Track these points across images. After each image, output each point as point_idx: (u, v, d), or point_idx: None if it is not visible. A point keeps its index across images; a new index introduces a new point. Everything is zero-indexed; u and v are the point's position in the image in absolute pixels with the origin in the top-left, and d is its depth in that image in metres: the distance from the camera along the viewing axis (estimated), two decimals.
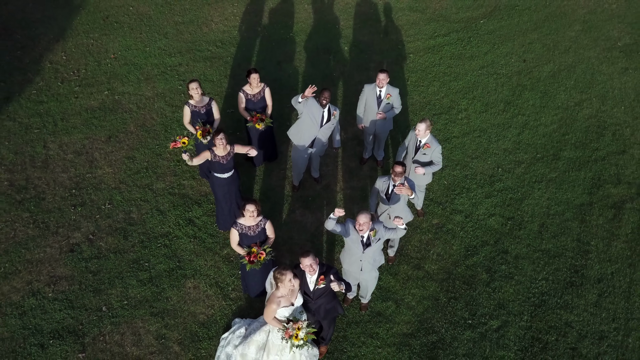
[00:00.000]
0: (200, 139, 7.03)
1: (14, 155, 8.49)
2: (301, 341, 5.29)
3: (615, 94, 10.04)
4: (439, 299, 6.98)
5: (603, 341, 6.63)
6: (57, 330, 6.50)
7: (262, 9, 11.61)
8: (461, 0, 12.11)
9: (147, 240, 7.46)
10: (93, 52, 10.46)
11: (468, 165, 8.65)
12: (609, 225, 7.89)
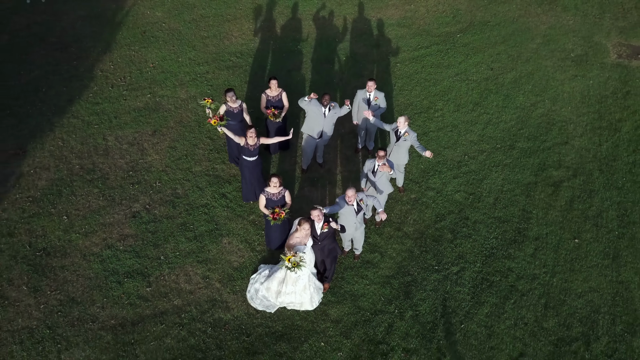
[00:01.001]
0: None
1: (81, 146, 10.92)
2: (290, 263, 7.60)
3: (564, 96, 12.49)
4: (413, 252, 9.40)
5: (534, 281, 9.04)
6: (128, 272, 8.92)
7: (274, 25, 14.08)
8: (442, 17, 14.59)
9: (190, 209, 9.88)
10: (135, 62, 12.92)
11: (441, 154, 11.08)
12: (548, 198, 10.32)
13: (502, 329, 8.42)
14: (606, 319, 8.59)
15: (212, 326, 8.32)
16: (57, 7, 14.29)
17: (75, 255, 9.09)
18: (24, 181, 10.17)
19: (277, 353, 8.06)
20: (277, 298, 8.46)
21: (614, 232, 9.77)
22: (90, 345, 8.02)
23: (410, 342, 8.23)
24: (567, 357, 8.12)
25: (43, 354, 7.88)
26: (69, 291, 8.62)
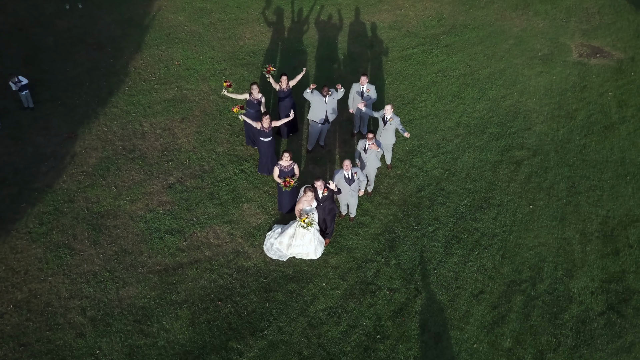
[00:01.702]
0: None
1: (122, 130, 13.15)
2: (305, 223, 9.86)
3: (530, 90, 14.71)
4: (397, 215, 11.63)
5: (495, 237, 11.27)
6: (168, 230, 11.15)
7: (282, 27, 16.29)
8: (428, 21, 16.80)
9: (216, 181, 12.11)
10: (163, 60, 15.13)
11: (423, 137, 13.30)
12: (511, 174, 12.54)
13: (466, 274, 10.66)
14: (550, 266, 10.82)
15: (236, 271, 10.56)
16: (92, 12, 16.51)
17: (124, 217, 11.33)
18: (77, 159, 12.40)
19: (288, 291, 10.30)
20: (288, 249, 10.69)
21: (562, 200, 12.00)
22: (142, 284, 10.26)
23: (394, 283, 10.47)
24: (516, 294, 10.36)
25: (105, 291, 10.12)
26: (122, 244, 10.87)
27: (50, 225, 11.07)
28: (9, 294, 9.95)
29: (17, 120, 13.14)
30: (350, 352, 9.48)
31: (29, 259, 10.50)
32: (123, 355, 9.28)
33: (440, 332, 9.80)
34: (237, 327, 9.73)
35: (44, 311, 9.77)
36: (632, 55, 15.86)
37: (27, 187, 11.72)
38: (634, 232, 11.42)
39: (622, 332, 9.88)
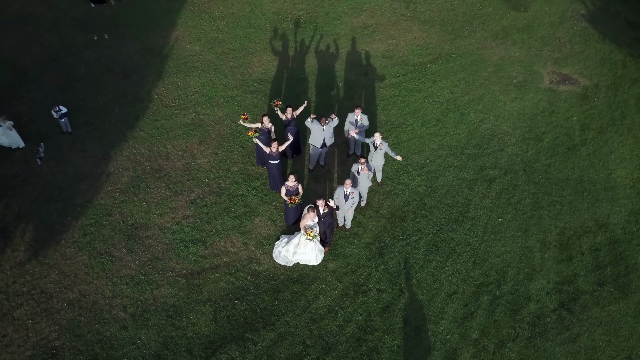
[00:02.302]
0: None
1: (149, 152, 15.23)
2: (310, 235, 11.96)
3: (505, 114, 16.78)
4: (386, 227, 13.71)
5: (468, 246, 13.36)
6: (191, 240, 13.24)
7: (286, 56, 18.36)
8: (417, 50, 18.87)
9: (231, 197, 14.20)
10: (181, 87, 17.21)
11: (409, 158, 15.38)
12: (484, 190, 14.62)
13: (443, 277, 12.75)
14: (513, 270, 12.91)
15: (250, 274, 12.65)
16: (117, 42, 18.58)
17: (154, 229, 13.42)
18: (112, 178, 14.49)
19: (294, 291, 12.39)
20: (293, 256, 12.78)
21: (527, 214, 14.08)
22: (171, 286, 12.35)
23: (382, 285, 12.56)
24: (484, 294, 12.45)
25: (141, 291, 12.21)
26: (153, 252, 12.96)
27: (92, 235, 13.17)
28: (62, 294, 12.05)
29: (58, 143, 15.22)
30: (345, 342, 11.58)
31: (76, 264, 12.60)
32: (159, 344, 11.38)
33: (420, 326, 11.90)
34: (251, 321, 11.83)
35: (92, 308, 11.87)
36: (597, 82, 17.93)
37: (71, 203, 13.81)
38: (586, 242, 13.51)
39: (570, 325, 11.98)
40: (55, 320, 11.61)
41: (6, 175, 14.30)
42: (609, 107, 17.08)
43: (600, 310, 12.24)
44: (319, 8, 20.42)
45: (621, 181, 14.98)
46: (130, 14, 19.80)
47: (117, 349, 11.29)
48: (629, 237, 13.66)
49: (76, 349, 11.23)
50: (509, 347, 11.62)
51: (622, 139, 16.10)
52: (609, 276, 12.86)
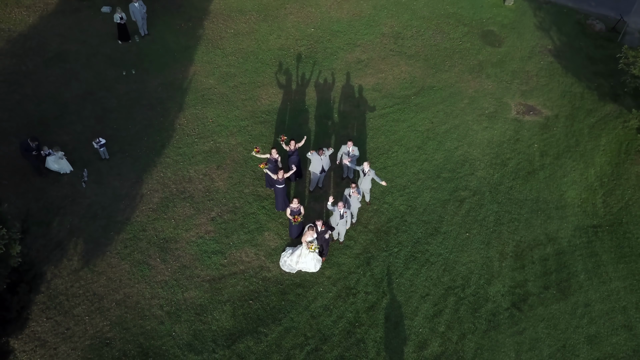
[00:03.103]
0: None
1: (174, 176, 18.23)
2: (312, 248, 14.97)
3: (477, 142, 19.78)
4: (373, 240, 16.72)
5: (440, 256, 16.36)
6: (213, 251, 16.24)
7: (289, 89, 21.36)
8: (403, 83, 21.87)
9: (245, 215, 17.20)
10: (200, 118, 20.21)
11: (393, 181, 18.38)
12: (456, 209, 17.63)
13: (418, 282, 15.76)
14: (476, 277, 15.92)
15: (261, 280, 15.67)
16: (143, 77, 21.57)
17: (182, 242, 16.43)
18: (145, 198, 17.50)
19: (297, 293, 15.40)
20: (296, 265, 15.78)
21: (490, 229, 17.10)
22: (198, 289, 15.36)
23: (368, 288, 15.56)
24: (451, 296, 15.45)
25: (174, 293, 15.22)
26: (182, 261, 15.97)
27: (131, 248, 16.19)
28: (111, 296, 15.08)
29: (98, 169, 18.22)
30: (338, 334, 14.60)
31: (120, 271, 15.62)
32: (190, 336, 14.41)
33: (398, 321, 14.92)
34: (263, 317, 14.85)
35: (135, 307, 14.90)
36: (557, 113, 20.93)
37: (112, 220, 16.82)
38: (537, 253, 16.53)
39: (518, 321, 15.00)
40: (107, 317, 14.64)
41: (58, 196, 17.30)
42: (565, 136, 20.08)
43: (544, 309, 15.27)
44: (318, 44, 23.42)
45: (571, 201, 18.00)
46: (152, 50, 22.79)
47: (157, 339, 14.31)
48: (573, 248, 16.69)
49: (125, 339, 14.25)
50: (469, 339, 14.64)
51: (575, 164, 19.11)
52: (553, 281, 15.89)
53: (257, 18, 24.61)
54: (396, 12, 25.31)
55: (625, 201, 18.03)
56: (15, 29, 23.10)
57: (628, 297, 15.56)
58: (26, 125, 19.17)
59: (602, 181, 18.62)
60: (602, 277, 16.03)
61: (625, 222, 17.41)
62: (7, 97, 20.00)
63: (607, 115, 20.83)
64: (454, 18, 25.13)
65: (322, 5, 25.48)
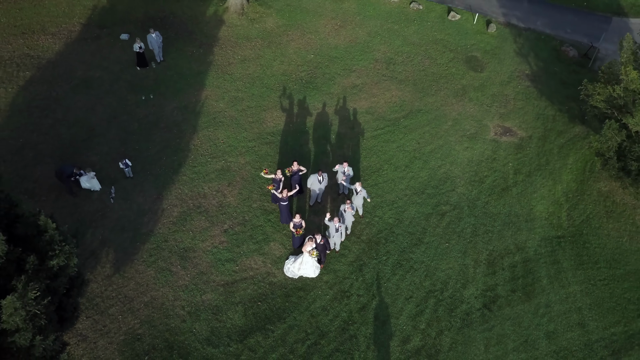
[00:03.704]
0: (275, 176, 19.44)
1: (191, 192, 20.86)
2: (314, 255, 17.62)
3: (458, 161, 22.41)
4: (364, 249, 19.36)
5: (422, 264, 19.00)
6: (226, 259, 18.87)
7: (292, 112, 23.99)
8: (393, 107, 24.50)
9: (253, 228, 19.83)
10: (212, 139, 22.83)
11: (383, 197, 21.01)
12: (437, 222, 20.26)
13: (403, 286, 18.40)
14: (453, 281, 18.56)
15: (268, 284, 18.30)
16: (160, 102, 24.20)
17: (199, 251, 19.06)
18: (165, 213, 20.13)
19: (299, 296, 18.03)
20: (298, 271, 18.41)
21: (467, 240, 19.74)
22: (214, 292, 17.99)
23: (360, 292, 18.20)
24: (431, 298, 18.09)
25: (193, 296, 17.85)
26: (200, 268, 18.60)
27: (156, 256, 18.82)
28: (139, 298, 17.71)
29: (124, 186, 20.85)
30: (334, 331, 17.24)
31: (147, 277, 18.26)
32: (208, 332, 17.04)
33: (385, 320, 17.56)
34: (270, 316, 17.49)
35: (161, 307, 17.54)
36: (531, 134, 23.57)
37: (138, 232, 19.46)
38: (507, 260, 19.18)
39: (488, 320, 17.64)
40: (137, 316, 17.28)
41: (90, 211, 19.93)
42: (537, 155, 22.73)
43: (511, 309, 17.92)
44: (317, 70, 26.06)
45: (539, 214, 20.65)
46: (167, 75, 25.42)
47: (180, 335, 16.96)
48: (538, 257, 19.34)
49: (153, 335, 16.90)
50: (445, 334, 17.29)
51: (544, 181, 21.76)
52: (519, 285, 18.54)
53: (262, 44, 27.25)
54: (388, 39, 27.95)
55: (586, 215, 20.68)
56: (43, 55, 25.72)
57: (583, 299, 18.21)
58: (59, 147, 21.81)
59: (567, 196, 21.27)
60: (562, 281, 18.67)
61: (585, 234, 20.06)
62: (41, 121, 22.64)
63: (575, 136, 23.48)
64: (441, 44, 27.77)
65: (321, 32, 28.12)
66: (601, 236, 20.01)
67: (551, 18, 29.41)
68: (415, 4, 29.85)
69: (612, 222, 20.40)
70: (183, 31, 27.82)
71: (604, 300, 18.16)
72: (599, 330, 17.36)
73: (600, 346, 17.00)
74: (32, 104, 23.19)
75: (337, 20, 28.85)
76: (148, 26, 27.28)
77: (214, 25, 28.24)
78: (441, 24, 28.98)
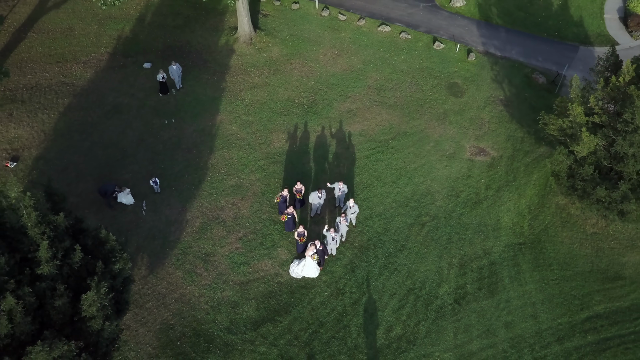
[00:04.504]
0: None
1: (210, 205, 24.79)
2: (313, 259, 21.56)
3: (438, 178, 26.35)
4: (357, 254, 23.31)
5: (404, 266, 22.94)
6: (241, 262, 22.80)
7: (295, 134, 27.93)
8: (383, 129, 28.43)
9: (263, 236, 23.77)
10: (226, 159, 26.78)
11: (373, 209, 24.95)
12: (418, 231, 24.21)
13: (388, 284, 22.33)
14: (430, 281, 22.50)
15: (277, 283, 22.24)
16: (181, 125, 28.14)
17: (219, 256, 23.00)
18: (189, 223, 24.07)
19: (302, 293, 21.97)
20: (301, 272, 22.35)
21: (442, 246, 23.67)
22: (231, 290, 21.93)
23: (352, 289, 22.14)
24: (411, 295, 22.03)
25: (215, 292, 21.79)
26: (219, 270, 22.54)
27: (182, 260, 22.77)
28: (170, 295, 21.67)
29: (153, 200, 24.79)
30: (331, 321, 21.19)
31: (176, 278, 22.21)
32: (228, 322, 20.99)
33: (373, 312, 21.51)
34: (278, 309, 21.44)
35: (188, 302, 21.49)
36: (502, 154, 27.49)
37: (167, 240, 23.40)
38: (476, 263, 23.12)
39: (458, 313, 21.59)
40: (169, 309, 21.22)
41: (125, 222, 23.87)
42: (506, 172, 26.67)
43: (477, 304, 21.86)
44: (317, 96, 29.99)
45: (505, 224, 24.59)
46: (187, 101, 29.34)
47: (205, 324, 20.90)
48: (502, 260, 23.29)
49: (183, 324, 20.85)
50: (422, 324, 21.24)
51: (511, 196, 25.70)
52: (485, 284, 22.49)
53: (268, 72, 31.19)
54: (380, 66, 31.88)
55: (545, 224, 24.63)
56: (77, 83, 29.66)
57: (537, 295, 22.16)
58: (97, 167, 25.76)
59: (530, 209, 25.22)
60: (521, 281, 22.62)
61: (542, 241, 24.02)
62: (81, 144, 26.59)
63: (540, 156, 27.42)
64: (426, 71, 31.70)
65: (321, 60, 32.06)
66: (556, 243, 23.96)
67: (525, 47, 33.31)
68: (404, 33, 33.75)
69: (566, 231, 24.36)
70: (198, 60, 31.74)
71: (554, 296, 22.12)
72: (548, 321, 21.32)
73: (548, 334, 20.96)
74: (72, 129, 27.15)
75: (334, 49, 32.76)
76: (167, 55, 31.26)
77: (226, 54, 32.17)
78: (427, 53, 32.90)
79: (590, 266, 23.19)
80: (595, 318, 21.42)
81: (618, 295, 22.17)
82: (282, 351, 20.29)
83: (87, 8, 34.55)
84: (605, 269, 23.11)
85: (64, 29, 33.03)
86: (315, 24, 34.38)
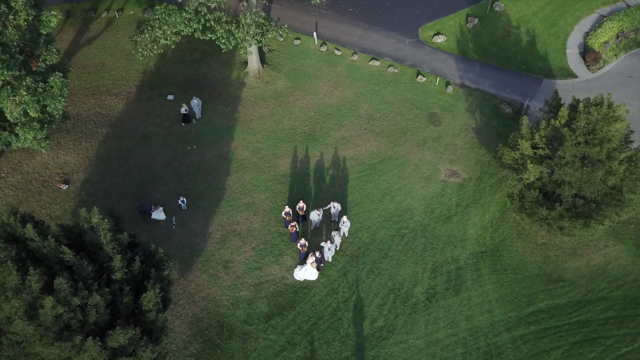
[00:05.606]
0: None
1: (228, 220, 30.32)
2: (313, 265, 27.11)
3: (417, 197, 31.91)
4: (348, 261, 28.84)
5: (387, 271, 28.48)
6: (254, 267, 28.35)
7: (297, 159, 33.48)
8: (371, 154, 33.98)
9: (272, 245, 29.34)
10: (240, 180, 32.32)
11: (363, 223, 30.47)
12: (399, 241, 29.75)
13: (374, 285, 27.88)
14: (407, 283, 28.04)
15: (283, 285, 27.80)
16: (202, 151, 33.67)
17: (236, 262, 28.55)
18: (211, 236, 29.59)
19: (304, 292, 27.51)
20: (303, 276, 27.90)
21: (418, 254, 29.22)
22: (247, 290, 27.46)
23: (344, 289, 27.68)
24: (391, 295, 27.57)
25: (235, 292, 27.34)
26: (237, 274, 28.08)
27: (207, 266, 28.32)
28: (198, 294, 27.21)
29: (181, 216, 30.32)
30: (327, 315, 26.74)
31: (202, 280, 27.76)
32: (245, 315, 26.56)
33: (361, 308, 27.07)
34: (285, 305, 26.99)
35: (213, 300, 27.05)
36: (471, 176, 33.04)
37: (193, 249, 28.95)
38: (445, 268, 28.69)
39: (429, 309, 27.16)
40: (198, 305, 26.78)
41: (158, 234, 29.40)
42: (474, 192, 32.22)
43: (444, 301, 27.43)
44: (316, 125, 35.53)
45: (470, 236, 30.16)
46: (205, 130, 34.86)
47: (226, 318, 26.45)
48: (467, 266, 28.86)
49: (209, 317, 26.40)
50: (400, 318, 26.80)
51: (477, 212, 31.27)
52: (452, 285, 28.07)
53: (274, 104, 36.72)
54: (370, 98, 37.41)
55: (503, 236, 30.19)
56: (111, 114, 35.18)
57: (493, 294, 27.73)
58: (133, 188, 31.29)
59: (492, 223, 30.78)
60: (481, 283, 28.19)
61: (500, 249, 29.59)
62: (119, 168, 32.13)
63: (503, 177, 32.95)
64: (410, 102, 37.24)
65: (320, 93, 37.58)
66: (511, 251, 29.54)
67: (496, 80, 38.81)
68: (392, 67, 39.26)
69: (520, 242, 29.93)
70: (214, 92, 37.26)
71: (506, 295, 27.70)
72: (500, 315, 26.90)
73: (500, 325, 26.54)
74: (111, 155, 32.70)
75: (331, 82, 38.29)
76: (187, 87, 36.80)
77: (238, 87, 37.68)
78: (411, 85, 38.43)
79: (538, 270, 28.78)
80: (538, 312, 27.03)
81: (559, 294, 27.77)
82: (288, 338, 25.86)
83: (115, 44, 40.02)
84: (550, 272, 28.71)
85: (97, 64, 38.47)
86: (314, 58, 39.88)
